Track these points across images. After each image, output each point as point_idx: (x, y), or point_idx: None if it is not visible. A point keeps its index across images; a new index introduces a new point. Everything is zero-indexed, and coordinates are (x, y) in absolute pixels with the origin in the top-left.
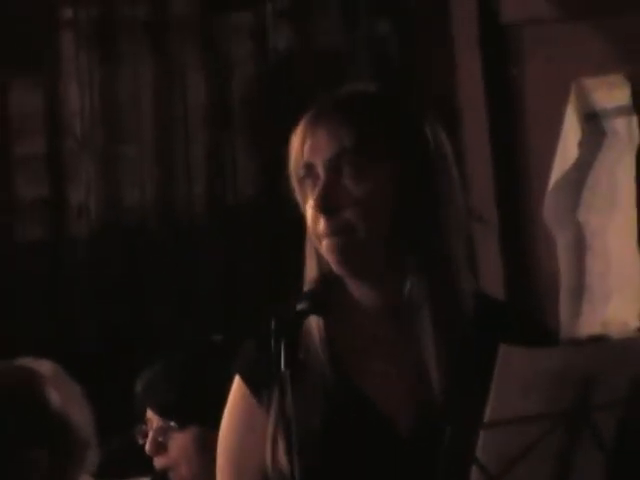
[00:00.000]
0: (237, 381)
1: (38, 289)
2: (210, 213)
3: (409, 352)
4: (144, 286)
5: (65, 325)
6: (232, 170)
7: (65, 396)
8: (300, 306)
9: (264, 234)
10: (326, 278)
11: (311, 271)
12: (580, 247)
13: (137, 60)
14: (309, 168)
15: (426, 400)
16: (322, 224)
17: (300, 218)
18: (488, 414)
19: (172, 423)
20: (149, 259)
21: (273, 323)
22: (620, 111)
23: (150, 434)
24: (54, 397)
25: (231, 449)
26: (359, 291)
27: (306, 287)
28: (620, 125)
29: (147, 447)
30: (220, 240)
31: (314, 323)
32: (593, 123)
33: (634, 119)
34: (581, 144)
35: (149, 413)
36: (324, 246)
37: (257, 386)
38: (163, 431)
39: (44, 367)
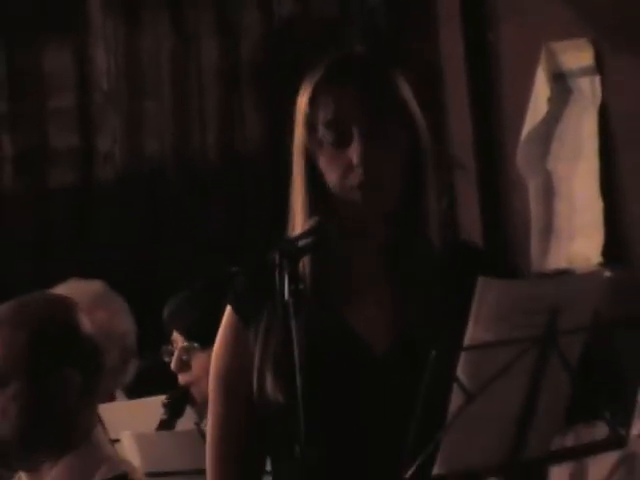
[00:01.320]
0: (228, 311)
1: (70, 229)
2: (221, 160)
3: (387, 288)
4: (163, 225)
5: (93, 261)
6: (241, 122)
7: (112, 311)
8: (303, 242)
9: (270, 179)
10: (325, 221)
11: (303, 213)
12: (549, 192)
13: (157, 25)
14: (336, 125)
15: (401, 327)
16: (358, 178)
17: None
18: (467, 338)
19: (195, 344)
20: (167, 201)
21: (277, 257)
22: (584, 71)
23: (175, 353)
24: (84, 322)
25: (222, 374)
26: (352, 235)
27: (296, 227)
28: (584, 84)
29: (172, 364)
30: (230, 184)
31: (309, 257)
32: (560, 82)
33: (597, 79)
34: (550, 100)
35: (174, 335)
36: (353, 196)
37: (246, 316)
38: (187, 350)
39: (95, 285)
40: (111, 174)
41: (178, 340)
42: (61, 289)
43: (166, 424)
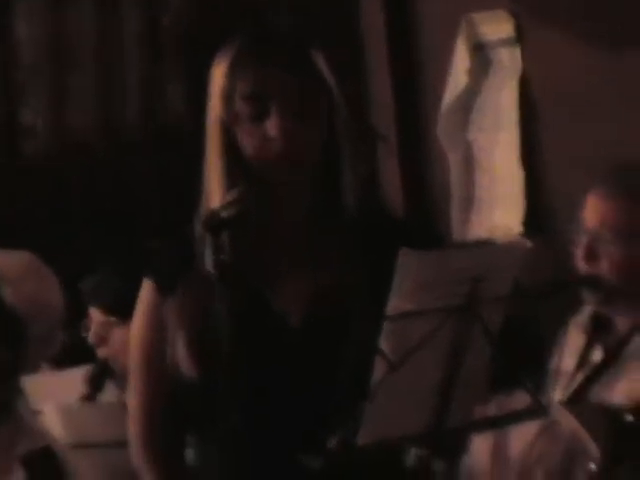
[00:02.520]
0: (146, 283)
1: None
2: (145, 132)
3: (305, 260)
4: (88, 198)
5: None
6: (163, 94)
7: (41, 281)
8: (225, 213)
9: (190, 148)
10: (246, 193)
11: (219, 186)
12: (469, 163)
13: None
14: (254, 98)
15: (317, 298)
16: (275, 151)
17: None
18: (390, 309)
19: (113, 318)
20: (92, 174)
21: (201, 228)
22: (504, 43)
23: (93, 327)
24: (7, 293)
25: (141, 346)
26: (270, 208)
27: (211, 201)
28: (504, 55)
29: (90, 338)
30: (154, 155)
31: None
32: (481, 53)
33: (517, 50)
34: (470, 71)
35: (92, 310)
36: (271, 168)
37: (164, 286)
38: (105, 325)
39: (23, 256)
40: (35, 148)
41: (96, 315)
42: None
43: (87, 398)
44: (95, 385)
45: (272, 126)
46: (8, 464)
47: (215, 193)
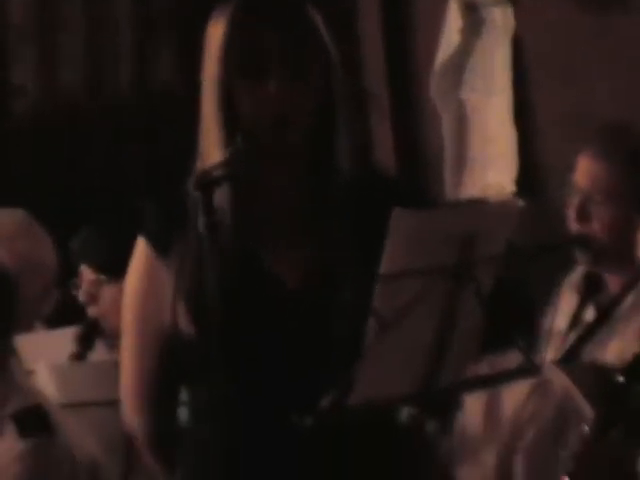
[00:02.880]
0: (141, 242)
1: None
2: (135, 93)
3: (300, 217)
4: (78, 158)
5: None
6: (154, 56)
7: (34, 240)
8: (217, 172)
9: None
10: (240, 151)
11: (216, 145)
12: (462, 123)
13: None
14: (254, 58)
15: (313, 260)
16: (274, 111)
17: None
18: (383, 268)
19: (103, 276)
20: (82, 134)
21: (193, 187)
22: (496, 2)
23: (83, 286)
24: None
25: (135, 304)
26: (265, 167)
27: (208, 159)
28: (497, 14)
29: (81, 297)
30: (144, 117)
31: (222, 190)
32: (473, 13)
33: (509, 9)
34: (462, 31)
35: (82, 268)
36: (269, 127)
37: (159, 246)
38: (95, 284)
39: (16, 214)
40: (25, 107)
41: (86, 273)
42: None
43: (77, 357)
44: (85, 344)
45: (270, 85)
46: (0, 422)
47: (211, 152)
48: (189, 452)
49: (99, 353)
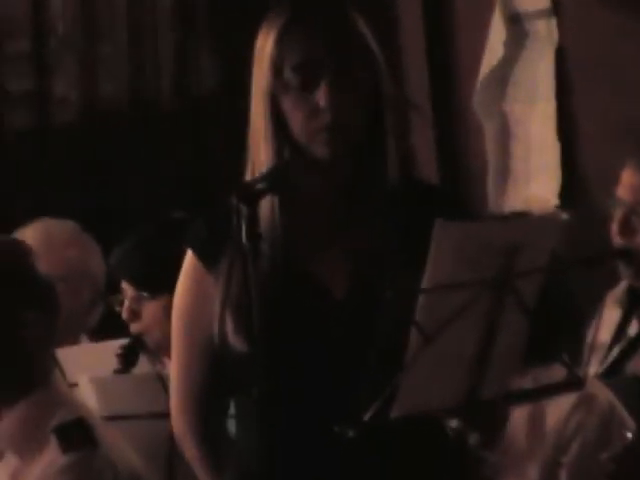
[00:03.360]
0: (189, 254)
1: (27, 172)
2: (177, 103)
3: (346, 231)
4: (119, 168)
5: (51, 204)
6: (196, 65)
7: (84, 251)
8: (261, 184)
9: (224, 122)
10: (284, 164)
11: (266, 156)
12: (505, 134)
13: None
14: (304, 69)
15: (360, 270)
16: (324, 122)
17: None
18: (426, 281)
19: (144, 293)
20: (123, 144)
21: (235, 200)
22: (541, 14)
23: (125, 303)
24: (39, 264)
25: (184, 316)
26: (312, 178)
27: (257, 171)
28: (541, 26)
29: (123, 314)
30: (186, 127)
31: (269, 202)
32: (517, 24)
33: (553, 21)
34: (506, 43)
35: (124, 284)
36: (318, 138)
37: (208, 259)
38: (136, 300)
39: (67, 225)
40: (67, 117)
41: (127, 289)
42: (33, 228)
43: (121, 373)
44: (128, 360)
45: (321, 97)
46: (43, 435)
47: (260, 163)
48: (236, 463)
49: (141, 366)
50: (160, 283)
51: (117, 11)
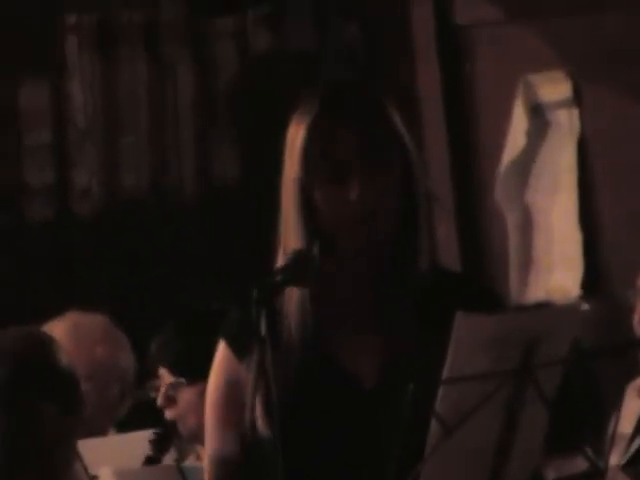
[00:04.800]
0: (222, 344)
1: (48, 264)
2: (199, 193)
3: (374, 320)
4: (142, 259)
5: (74, 294)
6: (217, 156)
7: (114, 345)
8: (279, 277)
9: (248, 212)
10: (308, 252)
11: (292, 244)
12: (527, 225)
13: (133, 60)
14: (334, 160)
15: (387, 360)
16: (356, 214)
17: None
18: (446, 372)
19: (182, 379)
20: (146, 235)
21: (255, 292)
22: (562, 104)
23: (162, 389)
24: (63, 357)
25: (216, 406)
26: (339, 267)
27: (283, 260)
28: (563, 116)
29: (159, 400)
30: (208, 217)
31: (293, 292)
32: (538, 115)
33: (575, 111)
34: (528, 133)
35: (161, 370)
36: (351, 230)
37: (239, 349)
38: (174, 386)
39: (97, 319)
40: (88, 209)
41: (165, 376)
42: (62, 322)
43: (152, 460)
44: (160, 447)
45: (351, 190)
46: None
47: (285, 252)
48: None
49: (167, 457)
50: (198, 369)
51: (138, 102)
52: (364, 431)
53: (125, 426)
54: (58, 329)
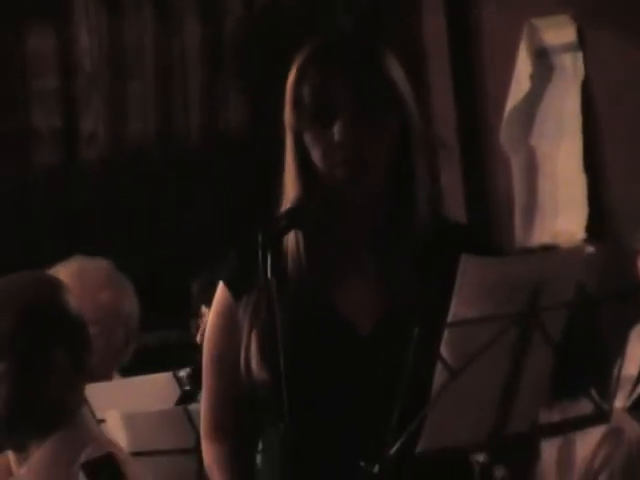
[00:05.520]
0: (221, 286)
1: (55, 209)
2: (205, 141)
3: (373, 265)
4: (147, 205)
5: (78, 241)
6: (224, 103)
7: (118, 290)
8: (284, 221)
9: (252, 159)
10: (310, 198)
11: (295, 191)
12: (532, 169)
13: (140, 7)
14: (320, 103)
15: (385, 307)
16: (340, 157)
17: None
18: (451, 315)
19: None
20: (151, 181)
21: (260, 236)
22: (567, 48)
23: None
24: (71, 301)
25: (213, 347)
26: (331, 211)
27: (287, 205)
28: (567, 60)
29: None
30: (214, 164)
31: (294, 236)
32: (543, 59)
33: (579, 55)
34: (532, 77)
35: (203, 309)
36: (336, 174)
37: (237, 291)
38: None
39: (101, 264)
40: (95, 155)
41: (207, 314)
42: (66, 267)
43: (188, 395)
44: (197, 382)
45: (336, 130)
46: (72, 472)
47: (289, 197)
48: None
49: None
50: None
51: (144, 50)
52: (363, 377)
53: (129, 372)
54: (62, 274)
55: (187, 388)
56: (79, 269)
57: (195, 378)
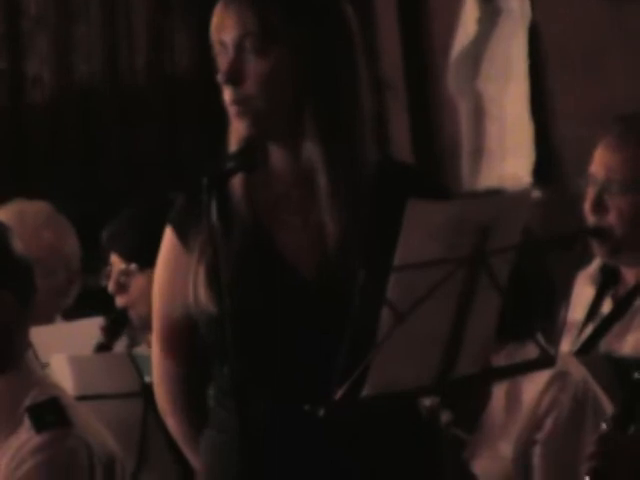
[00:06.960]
0: (168, 230)
1: (1, 153)
2: (151, 81)
3: (314, 210)
4: (94, 147)
5: (25, 184)
6: (170, 43)
7: (58, 231)
8: (229, 165)
9: (198, 99)
10: (250, 141)
11: (236, 134)
12: (479, 113)
13: None
14: (221, 45)
15: (328, 249)
16: (227, 94)
17: None
18: (397, 259)
19: (133, 265)
20: (98, 123)
21: (205, 180)
22: None
23: (113, 275)
24: (16, 243)
25: (162, 290)
26: (273, 154)
27: (232, 148)
28: (514, 4)
29: (110, 286)
30: (160, 105)
31: (238, 180)
32: (490, 2)
33: None
34: (479, 21)
35: (113, 257)
36: (230, 112)
37: (185, 236)
38: (125, 273)
39: (41, 206)
40: (40, 97)
41: (116, 262)
42: (6, 210)
43: (103, 347)
44: (112, 333)
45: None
46: (17, 415)
47: (233, 139)
48: (213, 431)
49: (119, 346)
50: (149, 256)
51: None
52: (309, 321)
53: (72, 315)
54: (2, 215)
55: (101, 340)
56: (19, 211)
57: (111, 328)
